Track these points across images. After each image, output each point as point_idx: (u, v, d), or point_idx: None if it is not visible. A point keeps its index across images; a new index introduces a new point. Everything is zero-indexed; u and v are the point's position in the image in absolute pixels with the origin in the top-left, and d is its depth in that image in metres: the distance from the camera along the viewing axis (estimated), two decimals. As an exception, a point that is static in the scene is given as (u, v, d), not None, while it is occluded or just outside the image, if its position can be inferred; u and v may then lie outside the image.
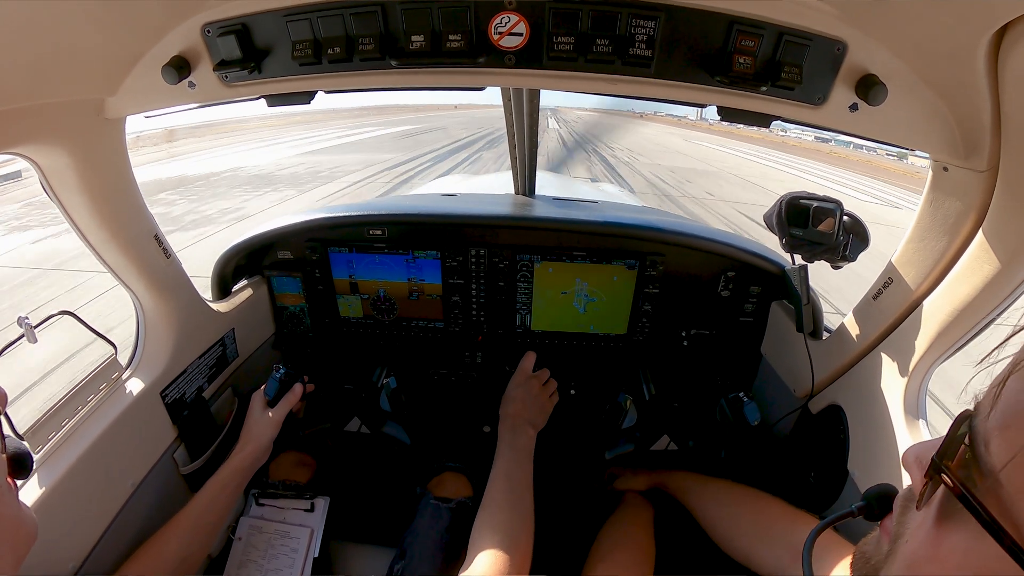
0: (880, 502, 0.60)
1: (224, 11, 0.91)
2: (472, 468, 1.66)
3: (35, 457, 1.07)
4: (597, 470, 1.80)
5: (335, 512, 1.59)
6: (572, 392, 2.03)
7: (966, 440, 0.40)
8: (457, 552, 1.15)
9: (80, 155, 1.02)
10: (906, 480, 0.51)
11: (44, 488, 1.04)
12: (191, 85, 1.00)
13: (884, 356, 1.21)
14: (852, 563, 0.57)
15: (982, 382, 0.41)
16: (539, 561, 1.19)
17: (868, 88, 0.86)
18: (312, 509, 1.58)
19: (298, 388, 1.57)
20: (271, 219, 1.80)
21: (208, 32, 0.93)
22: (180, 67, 0.95)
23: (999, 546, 0.35)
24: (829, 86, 0.89)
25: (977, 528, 0.37)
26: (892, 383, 1.17)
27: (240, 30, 0.92)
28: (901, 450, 1.09)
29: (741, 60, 0.85)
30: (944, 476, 0.41)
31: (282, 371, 1.56)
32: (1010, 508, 0.35)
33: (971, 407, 0.42)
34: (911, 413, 1.12)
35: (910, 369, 1.12)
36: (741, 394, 1.60)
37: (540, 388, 1.62)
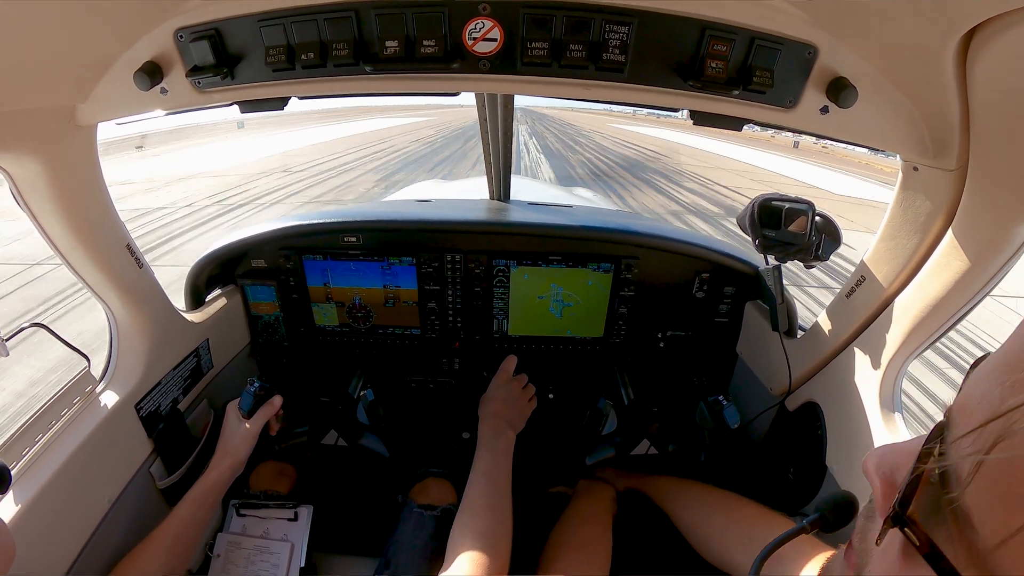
0: (836, 512, 0.56)
1: (197, 16, 0.90)
2: (456, 474, 1.64)
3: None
4: (577, 475, 1.80)
5: (317, 522, 1.56)
6: (550, 396, 2.03)
7: (935, 474, 0.34)
8: (443, 560, 1.14)
9: (51, 163, 1.00)
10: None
11: (20, 505, 1.01)
12: (163, 91, 0.98)
13: (858, 352, 1.24)
14: None
15: None
16: (517, 566, 1.19)
17: (838, 91, 0.87)
18: (295, 519, 1.55)
19: (276, 400, 1.54)
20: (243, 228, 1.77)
21: (181, 37, 0.92)
22: (152, 73, 0.93)
23: None
24: (800, 89, 0.91)
25: None
26: (867, 378, 1.19)
27: (213, 35, 0.91)
28: (878, 444, 1.11)
29: (713, 65, 0.86)
30: (908, 532, 0.35)
31: (256, 385, 1.54)
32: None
33: (943, 420, 0.36)
34: (887, 407, 1.14)
35: (884, 364, 1.14)
36: (720, 397, 1.61)
37: (520, 391, 1.62)
